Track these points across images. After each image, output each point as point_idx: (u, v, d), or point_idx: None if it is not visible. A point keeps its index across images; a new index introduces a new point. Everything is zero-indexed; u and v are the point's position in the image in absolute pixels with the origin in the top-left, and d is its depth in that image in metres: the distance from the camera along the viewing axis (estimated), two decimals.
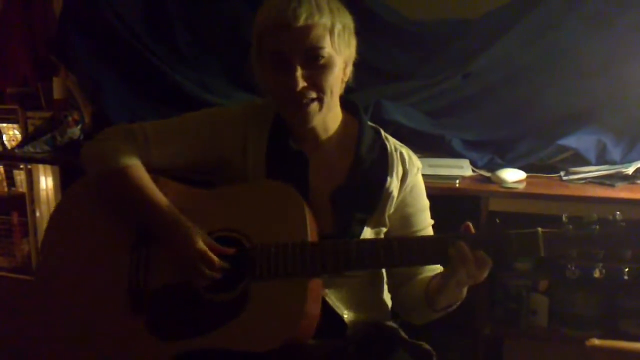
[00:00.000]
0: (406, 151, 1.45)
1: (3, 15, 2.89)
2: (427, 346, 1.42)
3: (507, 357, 2.07)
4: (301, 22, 1.24)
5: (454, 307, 1.33)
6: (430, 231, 1.45)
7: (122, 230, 1.36)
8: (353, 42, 1.34)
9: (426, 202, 1.46)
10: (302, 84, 1.26)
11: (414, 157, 1.45)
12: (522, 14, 2.25)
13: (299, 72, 1.26)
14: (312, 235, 1.28)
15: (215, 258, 1.28)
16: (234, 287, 1.28)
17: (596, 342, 1.39)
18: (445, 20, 2.43)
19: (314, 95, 1.28)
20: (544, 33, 2.22)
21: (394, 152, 1.42)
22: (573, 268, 1.14)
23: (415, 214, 1.43)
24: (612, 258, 1.10)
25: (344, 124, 1.41)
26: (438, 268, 1.40)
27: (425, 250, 1.25)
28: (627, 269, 1.11)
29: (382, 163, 1.40)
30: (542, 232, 1.18)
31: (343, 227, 1.34)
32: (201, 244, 1.28)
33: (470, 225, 1.23)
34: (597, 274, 1.12)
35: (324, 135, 1.39)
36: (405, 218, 1.42)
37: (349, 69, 1.35)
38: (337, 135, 1.40)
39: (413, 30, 2.43)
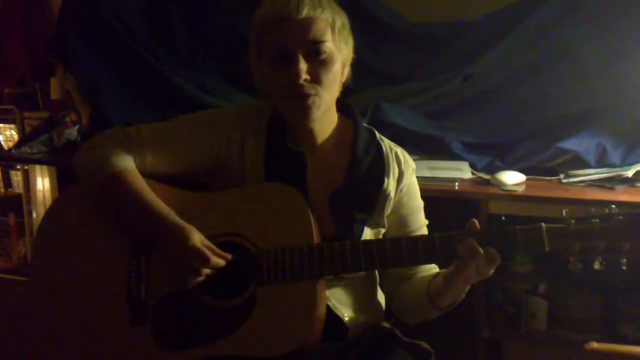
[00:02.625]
0: (401, 152, 1.45)
1: (1, 15, 2.88)
2: (425, 345, 1.41)
3: None
4: (304, 14, 1.24)
5: (456, 304, 1.32)
6: (425, 231, 1.44)
7: (118, 237, 1.33)
8: (351, 42, 1.34)
9: (421, 203, 1.46)
10: (304, 76, 1.25)
11: (409, 158, 1.45)
12: (522, 16, 2.25)
13: (302, 65, 1.25)
14: (316, 237, 1.27)
15: (210, 255, 1.24)
16: (240, 293, 1.25)
17: (595, 345, 1.39)
18: (445, 23, 2.43)
19: (314, 90, 1.27)
20: (544, 35, 2.21)
21: (389, 153, 1.42)
22: (574, 260, 1.16)
23: (410, 214, 1.43)
24: (612, 250, 1.13)
25: (339, 125, 1.41)
26: (434, 267, 1.40)
27: (433, 248, 1.22)
28: (625, 260, 1.14)
29: (379, 164, 1.40)
30: (546, 227, 1.18)
31: (344, 229, 1.33)
32: (196, 242, 1.25)
33: (476, 222, 1.22)
34: (597, 265, 1.15)
35: (321, 137, 1.38)
36: (401, 218, 1.42)
37: (347, 69, 1.35)
38: (334, 137, 1.40)
39: (413, 32, 2.43)
